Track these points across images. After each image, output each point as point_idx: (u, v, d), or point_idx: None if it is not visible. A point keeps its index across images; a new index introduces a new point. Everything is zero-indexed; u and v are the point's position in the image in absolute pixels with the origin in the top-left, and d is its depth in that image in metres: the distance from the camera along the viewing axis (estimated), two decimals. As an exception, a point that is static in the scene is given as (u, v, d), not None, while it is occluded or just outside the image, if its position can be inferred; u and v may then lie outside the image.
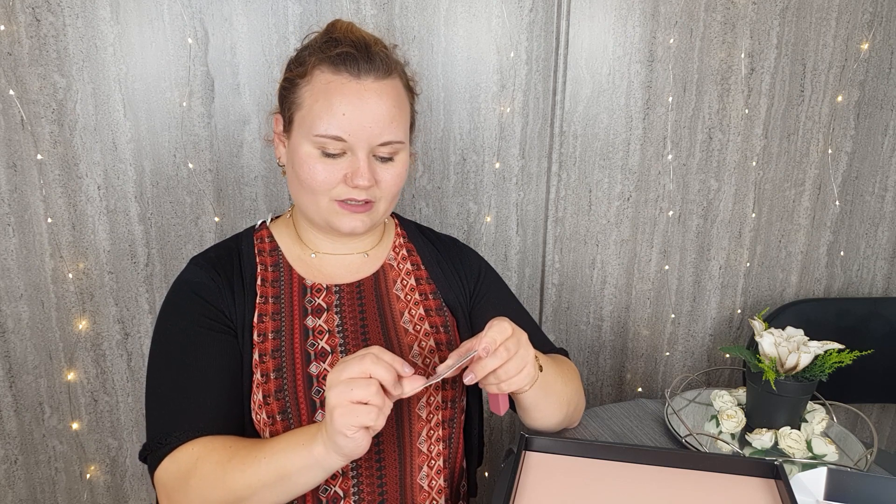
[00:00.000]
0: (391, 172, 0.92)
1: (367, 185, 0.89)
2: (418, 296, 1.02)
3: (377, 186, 0.91)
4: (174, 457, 0.85)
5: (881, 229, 1.79)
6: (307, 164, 0.89)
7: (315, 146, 0.89)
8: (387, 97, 0.89)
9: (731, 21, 1.55)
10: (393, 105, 0.90)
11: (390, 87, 0.90)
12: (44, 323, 1.39)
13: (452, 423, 1.00)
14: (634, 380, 1.79)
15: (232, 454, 0.83)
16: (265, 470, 0.80)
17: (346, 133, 0.87)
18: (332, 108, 0.87)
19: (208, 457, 0.83)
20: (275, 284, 0.96)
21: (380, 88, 0.89)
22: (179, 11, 1.30)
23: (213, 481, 0.82)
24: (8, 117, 1.27)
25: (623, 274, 1.69)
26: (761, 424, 1.16)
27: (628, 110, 1.57)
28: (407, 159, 0.95)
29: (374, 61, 0.89)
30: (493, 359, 0.80)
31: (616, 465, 0.93)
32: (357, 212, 0.92)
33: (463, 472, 1.08)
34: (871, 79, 1.65)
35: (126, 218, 1.38)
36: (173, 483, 0.85)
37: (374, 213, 0.94)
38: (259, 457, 0.81)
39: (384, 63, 0.90)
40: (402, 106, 0.92)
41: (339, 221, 0.92)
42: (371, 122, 0.88)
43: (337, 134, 0.87)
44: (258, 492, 0.81)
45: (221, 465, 0.82)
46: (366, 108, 0.87)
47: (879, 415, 1.94)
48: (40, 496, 1.48)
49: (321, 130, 0.87)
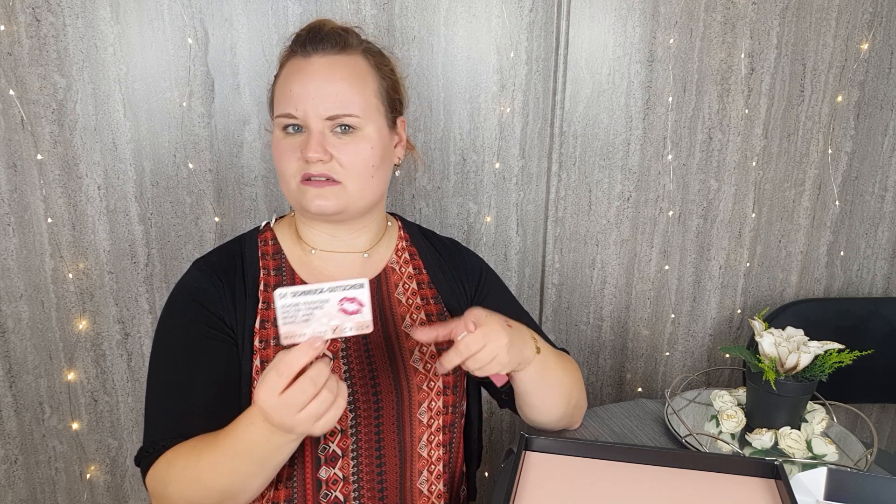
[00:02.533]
0: (350, 148, 0.90)
1: (316, 157, 0.88)
2: (420, 300, 1.02)
3: (337, 163, 0.90)
4: (155, 465, 0.87)
5: (881, 229, 1.79)
6: (275, 146, 0.93)
7: (279, 128, 0.92)
8: (336, 71, 0.90)
9: (731, 21, 1.55)
10: (341, 79, 0.90)
11: (343, 62, 0.91)
12: (44, 323, 1.39)
13: (453, 428, 1.00)
14: (634, 380, 1.79)
15: (197, 451, 0.83)
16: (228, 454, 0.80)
17: (294, 108, 0.89)
18: (285, 88, 0.91)
19: (175, 461, 0.84)
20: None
21: (328, 63, 0.90)
22: (179, 11, 1.30)
23: (187, 481, 0.83)
24: (8, 117, 1.27)
25: (623, 274, 1.69)
26: (761, 424, 1.16)
27: (628, 110, 1.57)
28: (376, 138, 0.93)
29: (322, 40, 0.91)
30: (456, 354, 0.83)
31: (616, 465, 0.93)
32: (320, 186, 0.90)
33: (463, 475, 1.08)
34: (871, 79, 1.65)
35: (126, 218, 1.38)
36: (159, 490, 0.87)
37: (341, 193, 0.91)
38: (218, 444, 0.82)
39: (334, 41, 0.91)
40: (357, 80, 0.91)
41: (306, 201, 0.91)
42: (316, 95, 0.89)
43: (287, 111, 0.90)
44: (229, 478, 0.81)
45: (187, 464, 0.83)
46: (311, 83, 0.89)
47: (879, 415, 1.94)
48: (40, 496, 1.48)
49: (278, 111, 0.92)
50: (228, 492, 0.83)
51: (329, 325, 0.73)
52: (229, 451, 0.80)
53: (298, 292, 0.71)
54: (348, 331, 0.74)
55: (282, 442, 0.78)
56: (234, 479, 0.82)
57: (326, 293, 0.72)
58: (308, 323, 0.72)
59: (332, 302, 0.72)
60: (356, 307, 0.73)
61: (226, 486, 0.82)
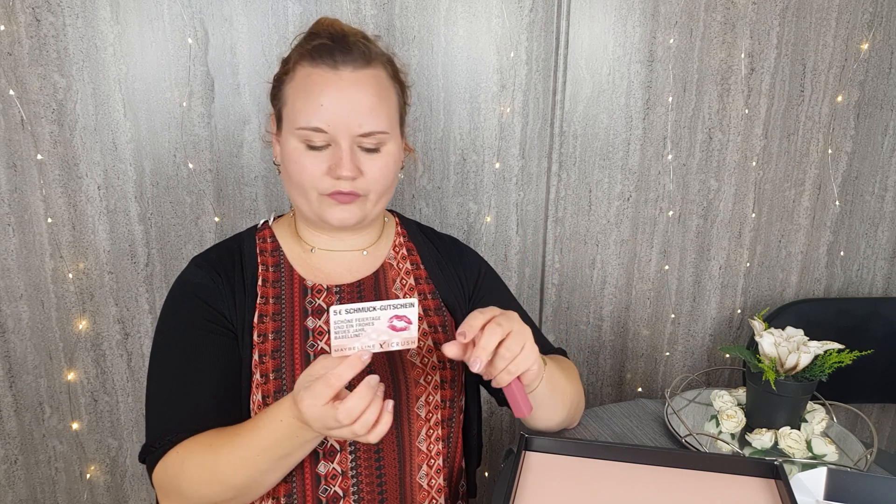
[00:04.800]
0: (378, 164, 0.91)
1: (350, 175, 0.88)
2: (417, 295, 1.02)
3: (363, 178, 0.90)
4: (164, 461, 0.87)
5: (881, 229, 1.79)
6: (294, 158, 0.90)
7: (300, 140, 0.89)
8: (366, 87, 0.89)
9: (731, 21, 1.55)
10: (373, 94, 0.89)
11: (370, 76, 0.90)
12: (44, 323, 1.39)
13: (451, 423, 1.00)
14: (634, 380, 1.79)
15: (214, 448, 0.84)
16: (252, 450, 0.82)
17: (325, 124, 0.87)
18: (312, 101, 0.88)
19: (191, 458, 0.85)
20: (276, 285, 0.96)
21: (358, 78, 0.89)
22: (179, 11, 1.30)
23: (203, 479, 0.84)
24: (8, 117, 1.27)
25: (623, 274, 1.69)
26: (761, 424, 1.16)
27: (628, 110, 1.57)
28: (396, 151, 0.94)
29: (350, 52, 0.89)
30: (490, 335, 0.79)
31: (616, 465, 0.93)
32: (345, 202, 0.91)
33: (462, 471, 1.08)
34: (871, 79, 1.65)
35: (126, 218, 1.38)
36: (168, 486, 0.87)
37: (364, 206, 0.93)
38: (240, 441, 0.82)
39: (362, 53, 0.90)
40: (384, 96, 0.91)
41: (328, 214, 0.92)
42: (350, 111, 0.88)
43: (317, 125, 0.87)
44: (248, 473, 0.82)
45: (205, 460, 0.84)
46: (344, 99, 0.88)
47: (879, 415, 1.94)
48: (40, 496, 1.48)
49: (303, 123, 0.88)
50: (245, 487, 0.84)
51: (377, 340, 0.77)
52: (253, 448, 0.81)
53: (352, 309, 0.73)
54: (395, 345, 0.78)
55: (308, 439, 0.80)
56: (253, 475, 0.83)
57: (378, 311, 0.75)
58: (358, 338, 0.75)
59: (383, 319, 0.75)
60: (404, 324, 0.77)
61: (243, 483, 0.83)
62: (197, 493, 0.85)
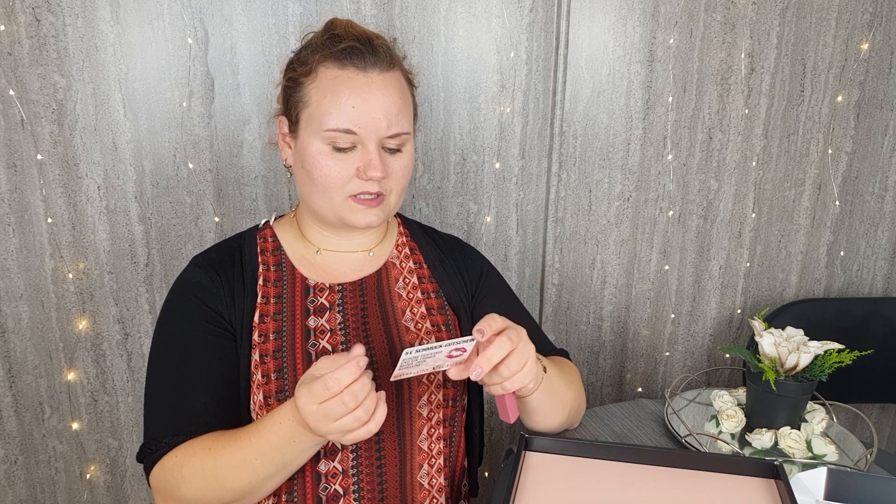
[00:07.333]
0: (400, 163, 0.93)
1: (381, 176, 0.90)
2: (420, 294, 1.02)
3: (388, 178, 0.92)
4: (163, 463, 0.87)
5: (881, 229, 1.79)
6: (318, 160, 0.90)
7: (325, 142, 0.89)
8: (392, 89, 0.91)
9: (731, 21, 1.55)
10: (399, 97, 0.91)
11: (394, 79, 0.92)
12: (44, 323, 1.39)
13: (453, 422, 1.00)
14: (634, 380, 1.79)
15: (214, 451, 0.84)
16: (252, 454, 0.82)
17: (356, 126, 0.88)
18: (341, 102, 0.88)
19: (190, 461, 0.85)
20: (277, 284, 0.96)
21: (385, 80, 0.90)
22: (179, 11, 1.30)
23: (203, 482, 0.84)
24: (8, 117, 1.27)
25: (623, 274, 1.69)
26: (761, 424, 1.16)
27: (628, 110, 1.57)
28: (413, 150, 0.96)
29: (378, 54, 0.90)
30: (497, 349, 0.79)
31: (616, 465, 0.93)
32: (371, 206, 0.92)
33: (464, 471, 1.08)
34: (871, 79, 1.65)
35: (126, 218, 1.38)
36: (166, 488, 0.87)
37: (386, 206, 0.95)
38: (240, 444, 0.83)
39: (387, 56, 0.91)
40: (405, 97, 0.94)
41: (353, 217, 0.93)
42: (380, 113, 0.89)
43: (347, 127, 0.88)
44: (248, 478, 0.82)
45: (205, 464, 0.84)
46: (374, 101, 0.89)
47: (879, 415, 1.94)
48: (40, 496, 1.48)
49: (331, 125, 0.88)
50: (245, 492, 0.84)
51: (433, 366, 0.81)
52: (253, 452, 0.82)
53: (422, 349, 0.76)
54: (445, 367, 0.82)
55: (309, 444, 0.80)
56: (253, 480, 0.83)
57: (444, 347, 0.78)
58: (418, 366, 0.79)
59: (444, 352, 0.79)
60: (459, 353, 0.80)
61: (244, 487, 0.83)
62: (195, 496, 0.85)
